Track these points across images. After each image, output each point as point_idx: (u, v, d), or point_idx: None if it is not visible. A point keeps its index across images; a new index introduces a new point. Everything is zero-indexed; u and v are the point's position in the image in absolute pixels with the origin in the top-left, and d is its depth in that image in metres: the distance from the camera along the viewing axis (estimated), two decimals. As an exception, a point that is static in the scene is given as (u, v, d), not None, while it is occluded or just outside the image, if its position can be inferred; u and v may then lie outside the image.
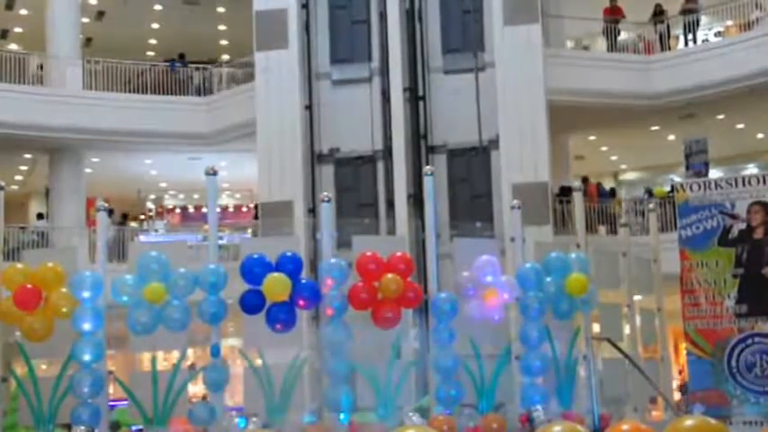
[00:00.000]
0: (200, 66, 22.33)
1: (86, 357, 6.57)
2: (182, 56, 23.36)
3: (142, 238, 21.59)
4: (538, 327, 7.63)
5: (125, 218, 24.87)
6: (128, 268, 7.15)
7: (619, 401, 9.01)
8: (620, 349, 8.44)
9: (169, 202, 28.02)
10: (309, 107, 15.15)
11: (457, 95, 15.02)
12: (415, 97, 15.00)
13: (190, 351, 7.53)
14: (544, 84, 15.39)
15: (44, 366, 7.50)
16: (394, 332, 7.28)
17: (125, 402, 7.30)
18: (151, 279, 6.78)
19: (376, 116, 14.90)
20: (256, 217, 23.15)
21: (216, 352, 6.94)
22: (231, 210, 27.32)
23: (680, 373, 19.04)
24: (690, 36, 20.31)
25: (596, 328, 8.78)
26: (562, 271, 7.84)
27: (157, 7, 24.18)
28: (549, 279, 7.81)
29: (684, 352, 10.88)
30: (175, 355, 7.38)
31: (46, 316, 6.65)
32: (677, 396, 15.59)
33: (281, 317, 6.96)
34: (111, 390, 7.54)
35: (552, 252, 8.07)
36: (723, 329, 9.32)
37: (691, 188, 9.92)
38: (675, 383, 16.88)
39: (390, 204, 14.43)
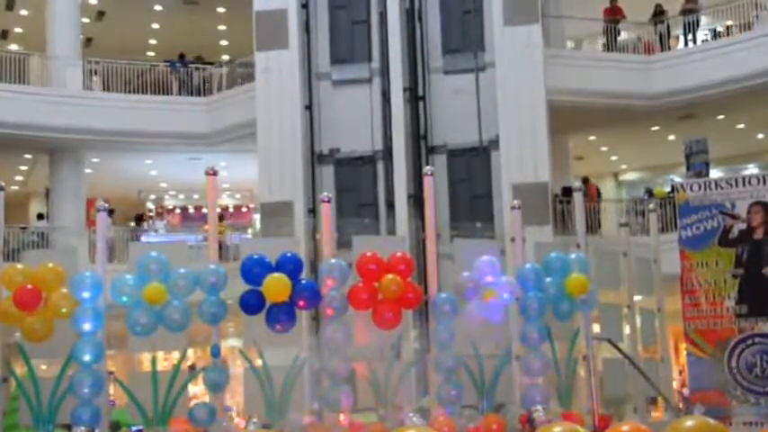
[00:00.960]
0: (201, 66, 22.34)
1: (86, 358, 6.55)
2: (182, 56, 23.36)
3: (144, 238, 21.60)
4: (538, 327, 7.59)
5: (140, 219, 24.86)
6: (127, 268, 7.12)
7: (619, 402, 9.01)
8: (620, 350, 8.42)
9: (169, 203, 28.01)
10: (309, 107, 15.18)
11: (457, 96, 15.05)
12: (415, 97, 15.02)
13: (190, 351, 7.51)
14: (544, 84, 15.41)
15: (44, 367, 7.49)
16: (394, 333, 7.26)
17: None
18: (151, 279, 6.76)
19: (376, 116, 14.93)
20: (221, 219, 23.27)
21: (216, 352, 6.93)
22: (231, 210, 27.35)
23: (680, 373, 19.03)
24: (690, 36, 20.31)
25: (596, 328, 8.75)
26: (562, 271, 7.80)
27: (157, 7, 24.17)
28: (549, 279, 7.77)
29: (685, 352, 10.87)
30: (175, 355, 7.38)
31: (46, 316, 6.63)
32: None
33: (282, 317, 6.94)
34: (111, 390, 7.52)
35: (552, 252, 8.03)
36: (723, 330, 9.30)
37: (691, 188, 9.90)
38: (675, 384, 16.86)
39: (390, 205, 14.45)
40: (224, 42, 25.44)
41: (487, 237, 12.73)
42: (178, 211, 27.77)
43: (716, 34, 21.42)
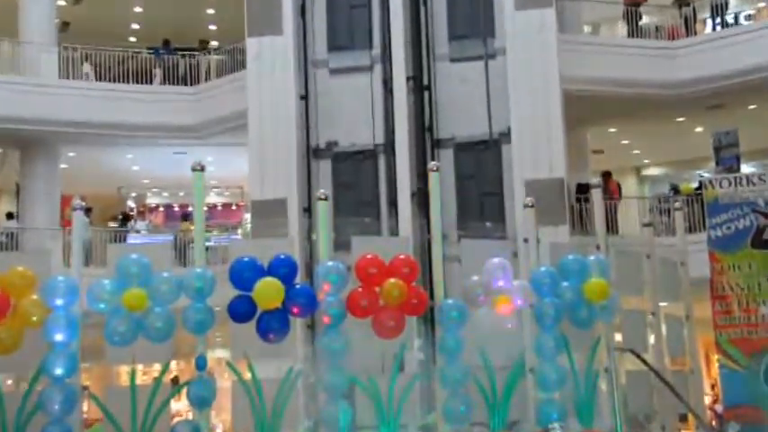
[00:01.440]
0: (187, 53, 22.32)
1: (58, 371, 6.47)
2: (167, 42, 23.31)
3: (131, 240, 21.57)
4: (554, 336, 7.57)
5: (125, 219, 24.83)
6: (105, 272, 7.06)
7: (644, 418, 8.93)
8: (645, 361, 8.39)
9: (152, 201, 28.03)
10: (305, 97, 15.08)
11: (465, 85, 14.94)
12: (419, 87, 14.91)
13: (173, 364, 7.47)
14: (559, 72, 15.29)
15: (9, 381, 7.42)
16: (397, 342, 7.23)
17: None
18: (131, 284, 6.70)
19: (377, 107, 14.83)
20: (186, 218, 23.34)
21: (202, 364, 6.87)
22: (220, 208, 27.38)
23: (712, 387, 18.93)
24: (718, 20, 20.25)
25: (618, 337, 8.71)
26: (580, 275, 7.80)
27: (140, -10, 24.19)
28: (565, 284, 7.76)
29: (717, 364, 10.80)
30: (157, 368, 7.32)
31: (14, 325, 6.53)
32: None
33: (274, 325, 6.89)
34: (85, 407, 7.48)
35: (569, 254, 8.03)
36: (759, 339, 9.23)
37: (720, 184, 9.85)
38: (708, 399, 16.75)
39: (393, 203, 14.34)
40: (213, 27, 25.39)
41: (498, 237, 12.69)
42: (162, 209, 27.79)
43: (745, 17, 21.38)
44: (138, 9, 25.09)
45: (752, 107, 20.78)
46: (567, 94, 15.82)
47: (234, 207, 27.41)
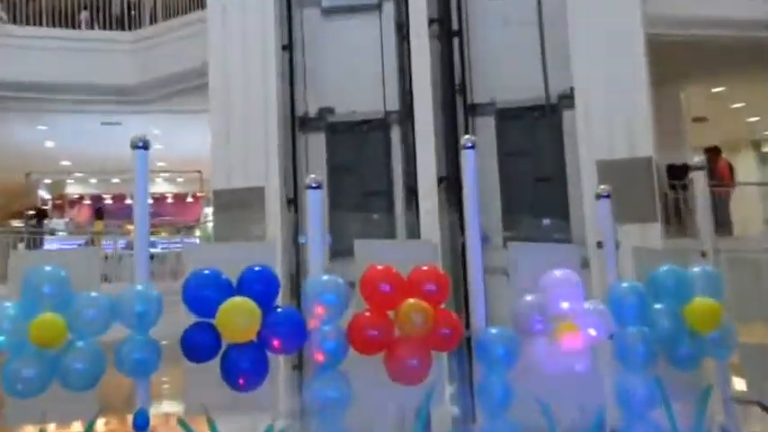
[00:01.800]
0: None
1: (-63, 433, 6.50)
2: (96, -29, 23.42)
3: (47, 245, 21.72)
4: (644, 381, 7.50)
5: (39, 216, 24.97)
6: (6, 291, 7.03)
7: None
8: (778, 418, 8.36)
9: (74, 190, 28.16)
10: (289, 47, 15.12)
11: (509, 30, 14.95)
12: (446, 32, 14.93)
13: (100, 422, 7.43)
14: (642, 10, 15.22)
15: None
16: (419, 389, 7.20)
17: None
18: (42, 307, 6.67)
19: (388, 61, 14.86)
20: (100, 216, 23.37)
21: (142, 422, 6.82)
22: (170, 201, 27.50)
23: None
24: None
25: (739, 384, 8.66)
26: (679, 294, 7.82)
27: None
28: (659, 306, 7.75)
29: None
30: (77, 428, 7.23)
31: None
32: None
33: (245, 366, 6.88)
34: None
35: (663, 264, 8.02)
36: None
37: None
38: None
39: (412, 192, 14.34)
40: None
41: (561, 240, 12.71)
42: (87, 202, 27.93)
43: None
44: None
45: None
46: (655, 41, 15.77)
47: (190, 199, 27.58)
